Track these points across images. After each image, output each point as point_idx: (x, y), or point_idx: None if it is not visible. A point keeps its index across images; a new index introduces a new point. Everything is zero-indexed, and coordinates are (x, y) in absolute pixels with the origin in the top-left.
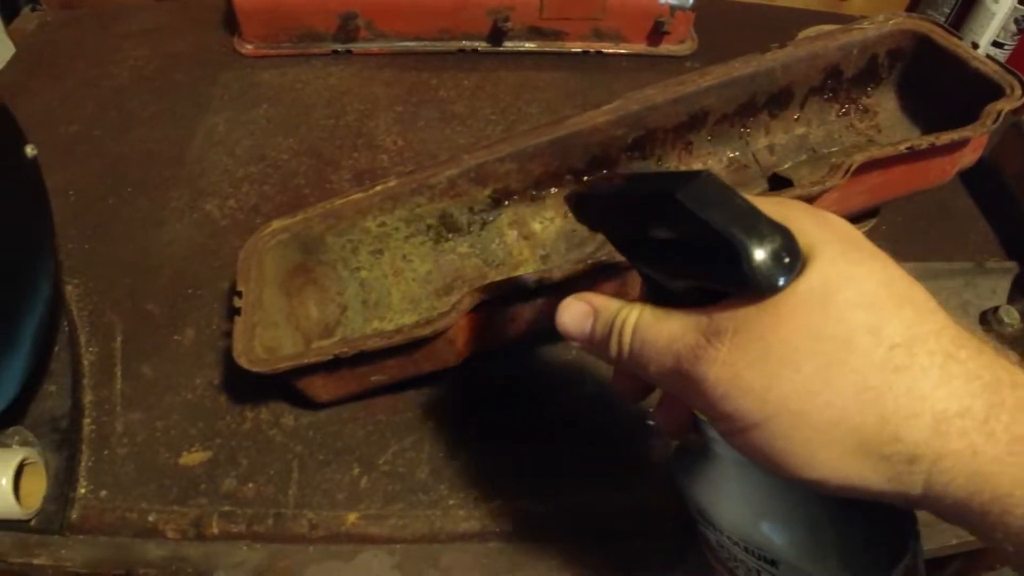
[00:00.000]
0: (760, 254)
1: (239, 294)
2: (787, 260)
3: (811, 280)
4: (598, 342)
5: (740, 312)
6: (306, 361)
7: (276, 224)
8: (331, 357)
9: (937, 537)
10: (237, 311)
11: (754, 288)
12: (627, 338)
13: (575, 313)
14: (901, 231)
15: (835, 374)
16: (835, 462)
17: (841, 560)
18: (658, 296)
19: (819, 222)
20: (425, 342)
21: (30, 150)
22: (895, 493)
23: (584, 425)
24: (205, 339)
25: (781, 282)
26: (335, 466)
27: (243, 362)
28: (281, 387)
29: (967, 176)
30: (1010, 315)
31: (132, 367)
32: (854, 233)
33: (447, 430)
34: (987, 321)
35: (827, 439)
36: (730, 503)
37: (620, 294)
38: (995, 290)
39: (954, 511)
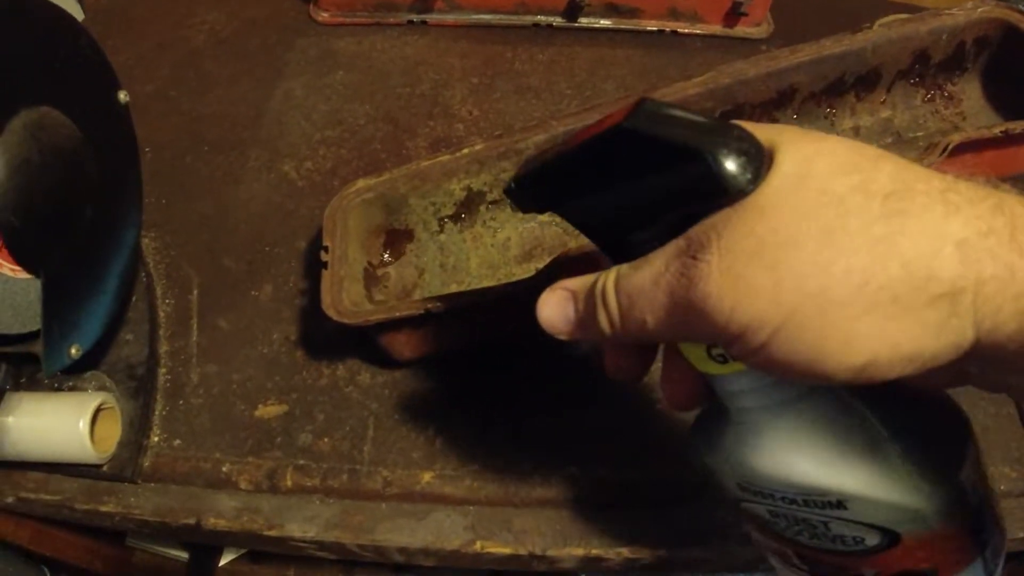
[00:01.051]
0: (728, 155)
1: (326, 248)
2: (755, 153)
3: (782, 167)
4: (585, 321)
5: (719, 218)
6: (397, 314)
7: (361, 183)
8: (423, 311)
9: None
10: (324, 265)
11: (731, 190)
12: (612, 302)
13: (553, 303)
14: None
15: (839, 239)
16: (877, 330)
17: (909, 473)
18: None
19: (766, 124)
20: (516, 301)
21: (123, 96)
22: (949, 347)
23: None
24: (282, 295)
25: (755, 177)
26: (411, 425)
27: (332, 313)
28: (359, 344)
29: None
30: None
31: (208, 320)
32: (800, 128)
33: (523, 396)
34: None
35: (860, 308)
36: (776, 456)
37: None
38: None
39: (1013, 347)
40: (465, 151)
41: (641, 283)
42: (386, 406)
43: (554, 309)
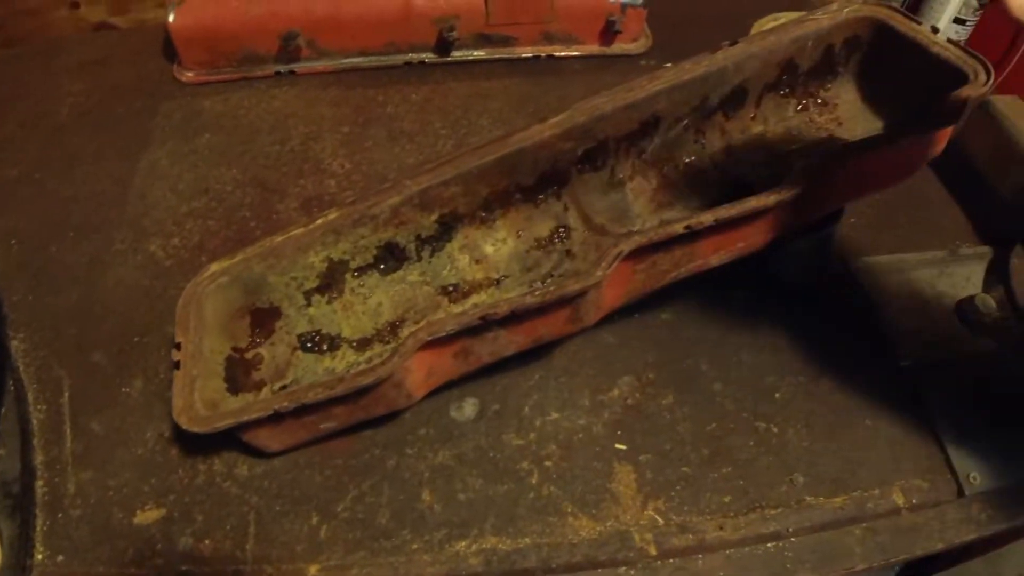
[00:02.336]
0: None
1: (178, 346)
2: None
3: None
4: None
5: None
6: (245, 418)
7: (214, 267)
8: (271, 412)
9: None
10: (176, 364)
11: None
12: None
13: None
14: (872, 223)
15: None
16: None
17: None
18: None
19: None
20: (370, 389)
21: None
22: None
23: (552, 451)
24: (153, 389)
25: None
26: (293, 516)
27: (183, 421)
28: (233, 436)
29: (936, 161)
30: (986, 304)
31: (81, 423)
32: None
33: (406, 470)
34: (963, 312)
35: None
36: None
37: (573, 320)
38: (969, 277)
39: None
40: (318, 222)
41: None
42: (266, 498)
43: None
